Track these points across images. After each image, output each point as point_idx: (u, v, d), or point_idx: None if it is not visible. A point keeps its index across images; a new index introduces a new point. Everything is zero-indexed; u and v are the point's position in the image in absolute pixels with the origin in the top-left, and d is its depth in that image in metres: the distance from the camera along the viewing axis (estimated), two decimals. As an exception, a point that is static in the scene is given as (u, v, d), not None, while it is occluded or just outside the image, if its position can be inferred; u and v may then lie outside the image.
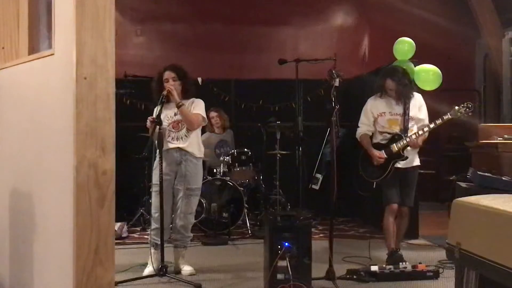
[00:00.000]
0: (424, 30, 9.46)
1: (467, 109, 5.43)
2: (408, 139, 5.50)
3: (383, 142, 5.65)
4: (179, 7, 10.51)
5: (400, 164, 5.58)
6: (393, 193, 5.61)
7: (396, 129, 5.61)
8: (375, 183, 5.65)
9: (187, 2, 10.56)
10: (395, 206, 5.61)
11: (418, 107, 5.66)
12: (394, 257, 5.54)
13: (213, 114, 8.14)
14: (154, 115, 5.30)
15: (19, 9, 3.71)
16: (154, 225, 5.42)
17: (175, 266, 5.48)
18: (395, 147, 5.56)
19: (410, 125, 5.59)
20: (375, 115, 5.70)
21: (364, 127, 5.77)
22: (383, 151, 5.60)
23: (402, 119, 5.61)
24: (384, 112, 5.67)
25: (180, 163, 5.43)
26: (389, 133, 5.64)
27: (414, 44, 6.30)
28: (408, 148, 5.55)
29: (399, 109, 5.64)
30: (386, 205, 5.64)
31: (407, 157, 5.55)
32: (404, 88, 5.58)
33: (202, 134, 8.07)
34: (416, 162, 5.71)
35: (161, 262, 5.13)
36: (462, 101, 5.49)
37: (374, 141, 5.73)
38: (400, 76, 5.61)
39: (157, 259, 5.21)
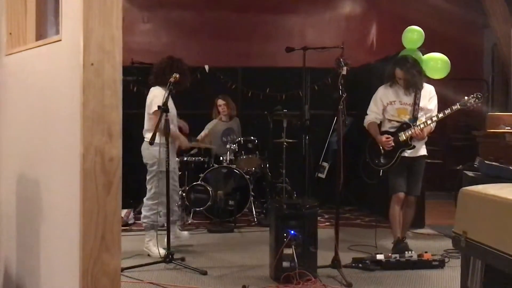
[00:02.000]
0: (432, 18, 9.41)
1: (477, 100, 5.42)
2: (414, 129, 5.50)
3: (392, 130, 5.65)
4: (186, -6, 10.49)
5: (407, 153, 5.58)
6: (400, 182, 5.61)
7: (405, 118, 5.60)
8: (381, 171, 5.66)
9: (194, -11, 10.54)
10: (401, 195, 5.61)
11: (428, 98, 5.67)
12: (400, 246, 5.54)
13: (220, 102, 8.14)
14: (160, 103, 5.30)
15: (27, -5, 3.71)
16: (160, 209, 5.48)
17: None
18: (403, 135, 5.55)
19: (419, 115, 5.58)
20: (385, 103, 5.69)
21: (372, 114, 5.77)
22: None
23: (412, 108, 5.61)
24: (394, 101, 5.67)
25: None
26: (397, 122, 5.63)
27: (423, 33, 6.27)
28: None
29: (409, 99, 5.63)
30: (392, 193, 5.64)
31: (414, 146, 5.55)
32: (413, 77, 5.56)
33: (209, 122, 8.14)
34: (423, 151, 5.72)
35: (167, 249, 5.16)
36: (470, 90, 5.48)
37: (383, 129, 5.74)
38: (409, 65, 5.60)
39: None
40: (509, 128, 6.44)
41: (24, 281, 3.55)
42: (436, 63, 6.18)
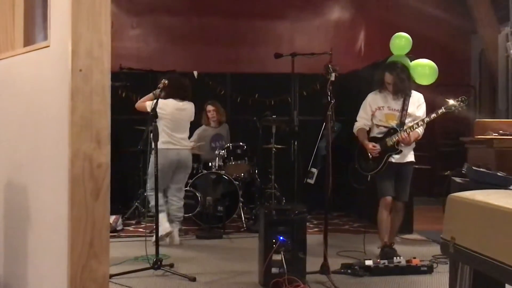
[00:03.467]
0: (420, 25, 9.47)
1: (461, 103, 5.45)
2: (400, 134, 5.52)
3: (379, 136, 5.67)
4: (175, 0, 10.49)
5: (394, 159, 5.60)
6: (387, 186, 5.63)
7: (393, 124, 5.62)
8: (369, 176, 5.68)
9: (183, -5, 10.54)
10: (389, 198, 5.63)
11: (417, 105, 5.69)
12: (387, 251, 5.56)
13: (210, 107, 8.13)
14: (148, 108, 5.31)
15: (15, 0, 3.69)
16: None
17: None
18: (390, 141, 5.57)
19: (407, 121, 5.61)
20: (373, 108, 5.72)
21: (361, 121, 5.79)
22: (378, 144, 5.62)
23: (400, 114, 5.63)
24: (383, 106, 5.69)
25: None
26: (385, 127, 5.66)
27: (411, 39, 6.30)
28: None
29: (397, 105, 5.66)
30: (380, 197, 5.66)
31: (401, 151, 5.57)
32: (402, 82, 5.60)
33: (198, 128, 8.13)
34: (411, 158, 5.74)
35: (156, 256, 5.14)
36: (457, 96, 5.50)
37: (371, 135, 5.76)
38: (398, 70, 5.64)
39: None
40: (496, 134, 6.47)
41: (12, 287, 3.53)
42: (424, 69, 6.21)
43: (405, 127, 5.56)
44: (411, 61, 6.35)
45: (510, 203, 2.69)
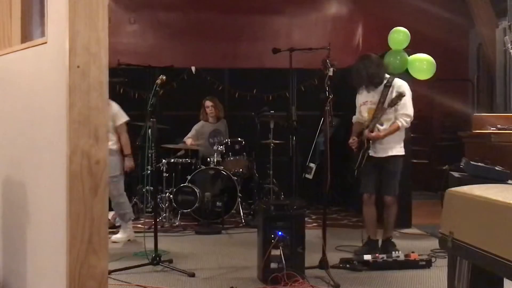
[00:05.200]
0: (418, 19, 9.46)
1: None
2: (365, 131, 5.53)
3: (362, 131, 5.65)
4: (172, -4, 10.48)
5: (374, 153, 5.57)
6: (365, 182, 5.65)
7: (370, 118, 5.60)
8: (355, 171, 5.67)
9: (181, -10, 10.52)
10: (366, 195, 5.69)
11: (395, 93, 5.50)
12: (370, 246, 5.59)
13: (208, 103, 8.13)
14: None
15: (12, -3, 3.69)
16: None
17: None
18: (363, 137, 5.56)
19: (388, 111, 5.51)
20: (359, 104, 5.74)
21: (355, 116, 5.81)
22: (358, 139, 5.63)
23: (375, 107, 5.59)
24: (366, 101, 5.68)
25: None
26: (366, 122, 5.64)
27: (409, 34, 6.30)
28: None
29: (376, 98, 5.60)
30: (361, 193, 5.69)
31: (369, 147, 5.53)
32: (370, 76, 5.56)
33: (196, 123, 8.14)
34: (394, 152, 5.61)
35: (154, 251, 5.15)
36: (455, 90, 5.52)
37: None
38: (366, 62, 5.61)
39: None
40: (494, 128, 6.48)
41: (10, 284, 3.53)
42: (422, 64, 6.21)
43: (387, 122, 5.53)
44: (409, 56, 6.36)
45: (508, 197, 2.70)
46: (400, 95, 5.38)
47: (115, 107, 6.15)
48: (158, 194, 7.17)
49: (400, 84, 5.57)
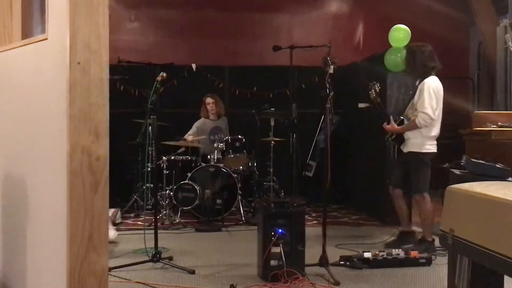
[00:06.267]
0: (418, 17, 9.44)
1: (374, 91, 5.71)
2: (385, 123, 5.77)
3: None
4: (173, -7, 10.47)
5: (402, 148, 5.76)
6: (390, 175, 5.79)
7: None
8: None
9: (181, -13, 10.51)
10: (390, 188, 5.90)
11: (418, 94, 5.64)
12: (400, 239, 5.85)
13: (209, 100, 8.14)
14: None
15: (12, -6, 3.69)
16: None
17: None
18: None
19: (409, 110, 5.72)
20: None
21: None
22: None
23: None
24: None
25: None
26: None
27: (410, 32, 6.29)
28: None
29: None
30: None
31: (388, 138, 5.84)
32: (407, 67, 5.88)
33: (196, 121, 8.14)
34: (413, 148, 5.69)
35: (155, 248, 5.15)
36: (456, 88, 5.53)
37: None
38: (407, 55, 5.85)
39: None
40: (495, 126, 6.47)
41: (10, 282, 3.53)
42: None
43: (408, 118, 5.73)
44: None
45: (508, 194, 2.70)
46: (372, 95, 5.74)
47: None
48: (158, 192, 7.17)
49: (425, 82, 5.62)
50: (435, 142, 5.75)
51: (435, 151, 5.74)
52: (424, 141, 5.66)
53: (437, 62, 5.67)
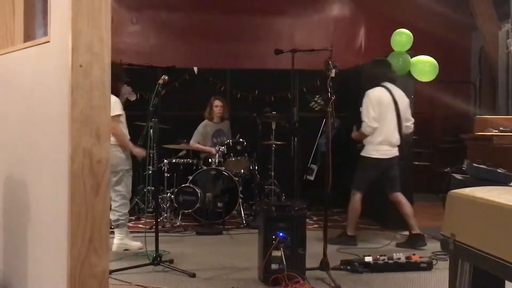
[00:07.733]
0: (420, 21, 9.45)
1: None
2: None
3: None
4: (175, -4, 10.48)
5: None
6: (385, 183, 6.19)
7: None
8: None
9: (183, -10, 10.52)
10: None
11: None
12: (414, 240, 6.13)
13: (218, 103, 8.13)
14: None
15: (15, -4, 3.69)
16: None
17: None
18: None
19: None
20: None
21: None
22: None
23: None
24: None
25: None
26: None
27: (412, 36, 6.29)
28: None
29: None
30: None
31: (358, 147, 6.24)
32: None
33: (198, 124, 8.13)
34: (363, 152, 6.16)
35: (155, 251, 5.15)
36: (457, 92, 5.53)
37: None
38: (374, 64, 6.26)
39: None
40: (496, 131, 6.46)
41: (11, 283, 3.53)
42: (424, 65, 6.21)
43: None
44: (411, 58, 6.35)
45: (510, 200, 2.69)
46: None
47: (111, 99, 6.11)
48: (159, 194, 7.16)
49: (367, 93, 6.02)
50: (383, 149, 6.05)
51: (379, 157, 6.06)
52: (368, 146, 6.11)
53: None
